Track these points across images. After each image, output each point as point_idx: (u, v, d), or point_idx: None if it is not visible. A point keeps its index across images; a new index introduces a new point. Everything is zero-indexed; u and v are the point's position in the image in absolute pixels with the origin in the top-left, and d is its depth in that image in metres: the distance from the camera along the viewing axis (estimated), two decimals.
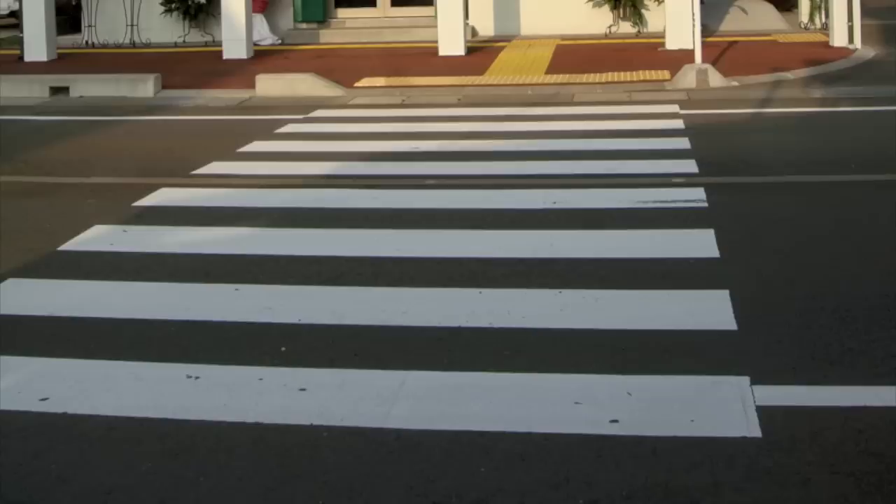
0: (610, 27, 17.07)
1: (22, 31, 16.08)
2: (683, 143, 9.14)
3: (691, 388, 4.18)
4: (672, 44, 14.74)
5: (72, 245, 6.45)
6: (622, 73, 12.99)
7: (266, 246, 6.34)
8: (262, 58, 15.43)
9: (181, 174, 8.50)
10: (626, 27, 17.06)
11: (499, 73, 13.45)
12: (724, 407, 3.99)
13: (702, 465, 3.57)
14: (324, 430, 3.90)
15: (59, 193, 7.99)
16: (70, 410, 4.10)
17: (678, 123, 10.12)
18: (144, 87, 12.94)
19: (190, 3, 17.47)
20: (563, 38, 16.59)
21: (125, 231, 6.80)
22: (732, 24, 17.24)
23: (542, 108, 11.36)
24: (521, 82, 12.80)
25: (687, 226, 6.53)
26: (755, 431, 3.78)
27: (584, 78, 12.85)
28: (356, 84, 12.99)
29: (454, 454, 3.71)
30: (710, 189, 7.32)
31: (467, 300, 5.25)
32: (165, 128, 11.20)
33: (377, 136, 10.23)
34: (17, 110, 12.23)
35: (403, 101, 12.22)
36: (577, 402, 4.06)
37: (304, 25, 18.12)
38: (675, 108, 10.93)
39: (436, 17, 15.66)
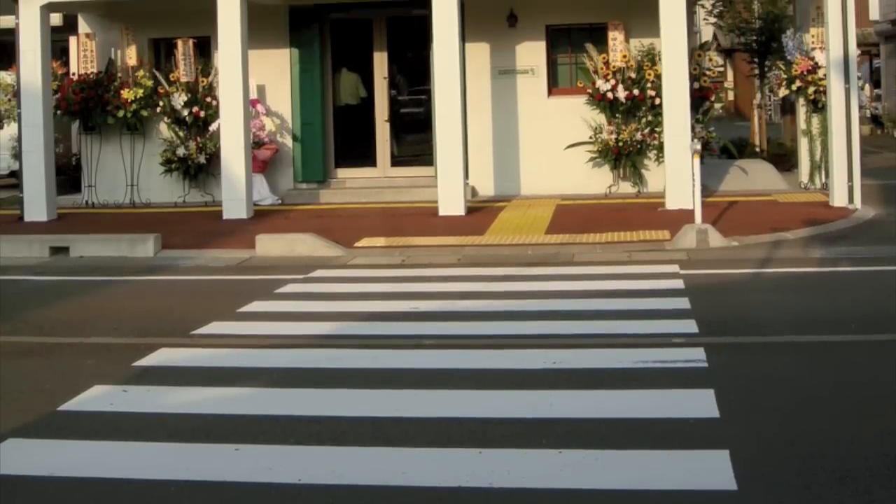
0: (610, 187, 17.46)
1: (22, 191, 16.49)
2: (683, 303, 9.36)
3: None
4: (672, 204, 15.11)
5: (72, 405, 6.60)
6: (622, 233, 13.28)
7: (266, 406, 6.49)
8: (262, 217, 15.82)
9: (181, 334, 8.70)
10: (626, 187, 17.45)
11: (499, 233, 13.76)
12: None
13: None
14: None
15: (59, 353, 8.17)
16: None
17: (678, 283, 10.35)
18: (144, 247, 13.23)
19: (190, 163, 17.87)
20: (564, 197, 16.99)
21: (125, 391, 6.96)
22: (732, 184, 17.65)
23: (542, 269, 11.61)
24: (521, 242, 13.09)
25: (687, 386, 6.70)
26: None
27: (584, 238, 13.14)
28: (356, 244, 13.27)
29: None
30: (710, 349, 7.52)
31: (467, 460, 5.38)
32: (165, 288, 11.45)
33: (377, 296, 10.45)
34: (16, 270, 12.50)
35: (403, 261, 12.48)
36: None
37: (304, 185, 18.55)
38: (675, 268, 11.18)
39: (436, 177, 16.07)
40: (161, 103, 17.95)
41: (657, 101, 16.46)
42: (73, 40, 18.52)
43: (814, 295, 9.94)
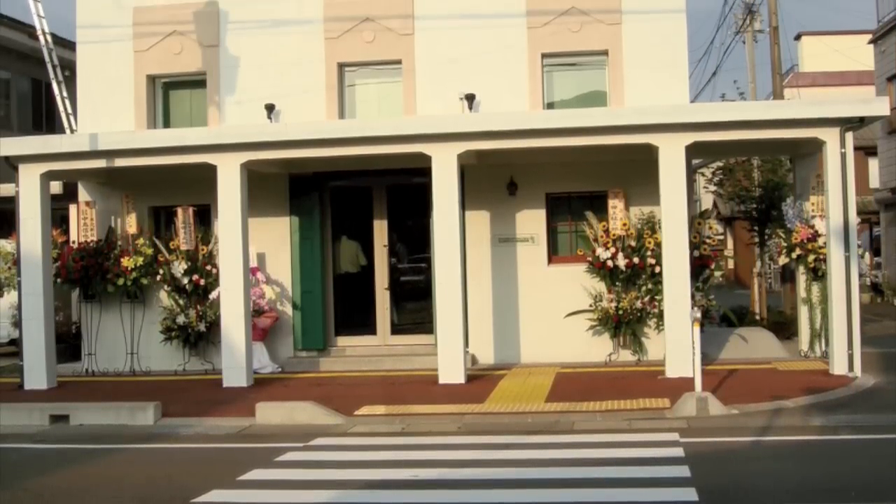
0: (610, 355, 17.74)
1: (22, 359, 16.76)
2: (683, 471, 9.56)
3: None
4: (672, 372, 15.36)
5: None
6: (622, 402, 13.50)
7: None
8: (262, 386, 16.07)
9: (181, 502, 8.90)
10: (626, 355, 17.72)
11: (499, 402, 13.99)
12: None
13: None
14: None
15: None
16: None
17: (678, 451, 10.56)
18: (144, 415, 13.47)
19: (190, 331, 18.20)
20: (564, 365, 17.25)
21: None
22: (732, 352, 17.92)
23: (542, 437, 11.82)
24: (521, 410, 13.31)
25: None
26: None
27: (584, 406, 13.36)
28: (356, 412, 13.49)
29: None
30: None
31: None
32: (165, 456, 11.64)
33: (377, 464, 10.65)
34: (16, 438, 12.74)
35: (403, 429, 12.69)
36: None
37: (304, 353, 18.84)
38: (674, 437, 11.39)
39: (436, 345, 16.35)
40: (161, 271, 18.37)
41: (657, 269, 16.83)
42: (73, 208, 19.06)
43: (814, 463, 10.13)
